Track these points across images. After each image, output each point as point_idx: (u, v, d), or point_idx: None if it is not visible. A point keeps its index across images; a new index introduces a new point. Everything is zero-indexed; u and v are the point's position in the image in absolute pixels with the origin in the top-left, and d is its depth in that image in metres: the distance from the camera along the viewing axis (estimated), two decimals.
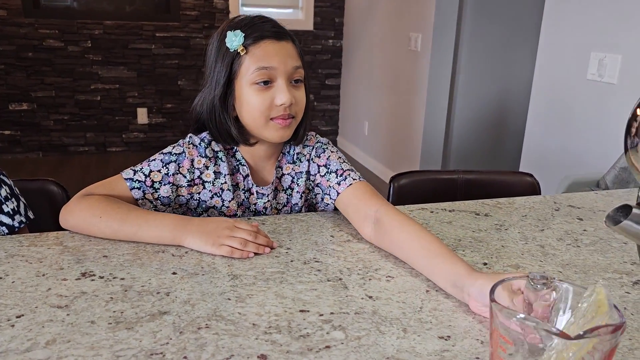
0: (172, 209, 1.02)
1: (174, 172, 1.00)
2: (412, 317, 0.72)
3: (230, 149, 1.05)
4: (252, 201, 1.07)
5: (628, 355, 0.66)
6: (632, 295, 0.80)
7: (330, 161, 1.08)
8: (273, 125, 0.98)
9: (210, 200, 1.04)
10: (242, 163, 1.05)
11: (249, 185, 1.06)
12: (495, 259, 0.91)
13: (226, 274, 0.82)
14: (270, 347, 0.64)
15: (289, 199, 1.10)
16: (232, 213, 1.05)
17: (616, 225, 0.52)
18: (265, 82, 0.97)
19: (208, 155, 1.03)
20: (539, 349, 0.54)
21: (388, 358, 0.63)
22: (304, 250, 0.91)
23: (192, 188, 1.02)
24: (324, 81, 4.84)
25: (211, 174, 1.03)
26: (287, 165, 1.09)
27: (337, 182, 1.05)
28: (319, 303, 0.75)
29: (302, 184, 1.09)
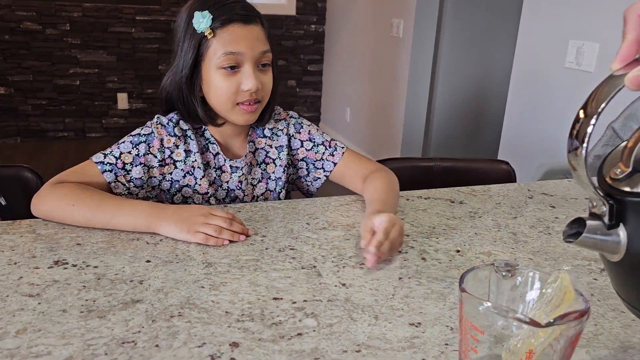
0: (145, 191, 1.02)
1: (145, 152, 1.00)
2: (384, 305, 0.73)
3: (198, 128, 1.07)
4: (225, 179, 1.08)
5: (593, 340, 0.67)
6: (600, 281, 0.82)
7: (313, 135, 1.14)
8: (239, 109, 1.00)
9: (182, 179, 1.04)
10: (212, 141, 1.07)
11: (220, 163, 1.07)
12: (468, 246, 0.92)
13: (200, 261, 0.82)
14: (243, 335, 0.65)
15: (264, 173, 1.12)
16: (204, 191, 1.05)
17: (575, 240, 0.52)
18: (232, 67, 0.98)
19: (177, 134, 1.03)
20: (507, 335, 0.55)
21: (359, 345, 0.64)
22: (279, 237, 0.92)
23: (163, 168, 1.03)
24: (306, 67, 4.82)
25: (182, 152, 1.04)
26: (259, 139, 1.12)
27: (330, 154, 1.12)
28: (293, 291, 0.75)
29: (283, 157, 1.12)
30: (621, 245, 0.50)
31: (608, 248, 0.51)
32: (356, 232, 0.95)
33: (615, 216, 0.50)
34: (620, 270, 0.53)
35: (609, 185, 0.51)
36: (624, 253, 0.50)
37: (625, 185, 0.49)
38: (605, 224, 0.51)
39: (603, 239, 0.51)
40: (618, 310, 0.74)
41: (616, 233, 0.50)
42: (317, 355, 0.62)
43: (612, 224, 0.50)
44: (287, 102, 4.81)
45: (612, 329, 0.70)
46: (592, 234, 0.51)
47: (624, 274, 0.53)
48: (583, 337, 0.68)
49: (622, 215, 0.50)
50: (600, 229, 0.51)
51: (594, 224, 0.52)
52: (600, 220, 0.51)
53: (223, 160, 1.07)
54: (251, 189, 1.11)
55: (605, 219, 0.51)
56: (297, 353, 0.62)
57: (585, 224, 0.52)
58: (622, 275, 0.53)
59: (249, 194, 1.10)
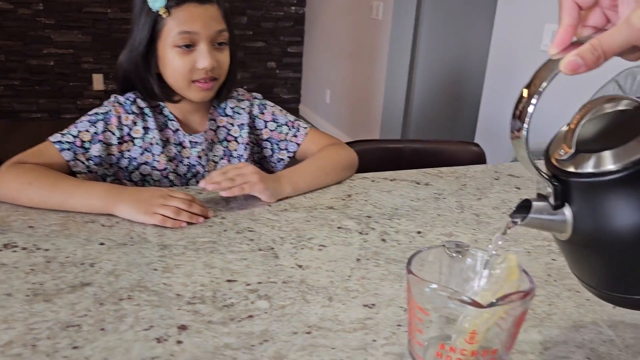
0: (103, 168, 1.00)
1: (103, 129, 0.99)
2: (339, 286, 0.72)
3: (157, 106, 1.06)
4: (185, 154, 1.07)
5: (546, 320, 0.68)
6: (558, 262, 0.82)
7: (276, 115, 1.14)
8: (195, 87, 1.00)
9: (140, 156, 1.03)
10: (170, 118, 1.06)
11: (180, 139, 1.06)
12: (430, 228, 0.92)
13: (156, 244, 0.81)
14: (192, 318, 0.64)
15: (225, 151, 1.11)
16: (162, 167, 1.04)
17: (522, 221, 0.52)
18: (187, 46, 0.97)
19: (134, 111, 1.02)
20: (455, 316, 0.54)
21: (310, 327, 0.64)
22: (239, 219, 0.90)
23: (122, 146, 1.02)
24: (286, 49, 4.77)
25: (140, 129, 1.03)
26: (221, 118, 1.11)
27: (293, 135, 1.12)
28: (248, 273, 0.74)
29: (245, 135, 1.11)
30: (567, 224, 0.50)
31: (555, 227, 0.51)
32: (318, 213, 0.94)
33: (561, 196, 0.50)
34: (569, 248, 0.53)
35: (554, 166, 0.51)
36: (571, 232, 0.50)
37: (569, 166, 0.49)
38: (551, 204, 0.51)
39: (549, 218, 0.51)
40: (574, 290, 0.74)
41: (562, 213, 0.50)
42: (266, 337, 0.61)
43: (557, 204, 0.50)
44: (267, 84, 4.77)
45: (566, 308, 0.70)
46: (538, 215, 0.51)
47: (574, 251, 0.53)
48: (536, 317, 0.68)
49: (567, 195, 0.50)
50: (546, 210, 0.51)
51: (540, 205, 0.51)
52: (547, 201, 0.51)
53: (183, 136, 1.06)
54: (213, 165, 1.10)
55: (551, 199, 0.50)
56: (246, 335, 0.61)
57: (532, 205, 0.52)
58: (572, 252, 0.53)
59: (210, 170, 1.09)
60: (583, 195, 0.48)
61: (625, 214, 0.46)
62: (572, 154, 0.49)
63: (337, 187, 1.07)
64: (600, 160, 0.46)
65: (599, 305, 0.71)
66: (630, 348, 0.63)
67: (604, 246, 0.48)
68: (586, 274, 0.53)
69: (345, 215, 0.94)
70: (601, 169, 0.46)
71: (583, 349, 0.62)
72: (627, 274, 0.49)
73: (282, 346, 0.60)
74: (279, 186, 0.97)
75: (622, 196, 0.45)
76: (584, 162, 0.48)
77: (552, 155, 0.52)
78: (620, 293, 0.50)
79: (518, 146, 0.48)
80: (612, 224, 0.46)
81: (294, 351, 0.59)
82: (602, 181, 0.46)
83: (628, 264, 0.48)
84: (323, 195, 1.03)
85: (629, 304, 0.51)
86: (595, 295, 0.53)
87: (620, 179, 0.45)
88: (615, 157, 0.45)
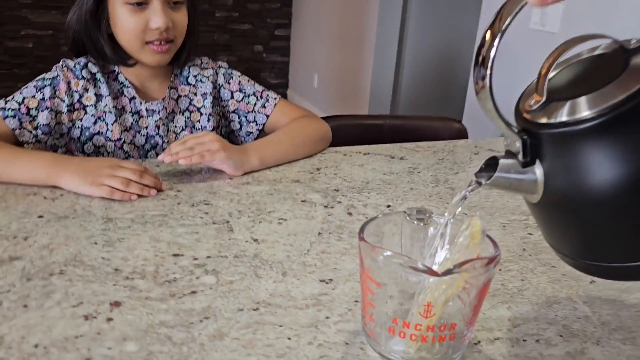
0: (53, 138, 0.94)
1: (51, 95, 0.92)
2: (295, 261, 0.67)
3: (111, 72, 0.98)
4: (143, 124, 1.00)
5: (517, 295, 0.62)
6: (534, 237, 0.77)
7: (243, 85, 1.07)
8: (149, 49, 0.93)
9: (93, 126, 0.96)
10: (126, 85, 0.99)
11: (136, 107, 1.00)
12: (401, 201, 0.86)
13: (100, 217, 0.74)
14: (128, 294, 0.58)
15: (187, 122, 1.04)
16: (115, 138, 0.97)
17: (487, 181, 0.47)
18: (139, 3, 0.90)
19: (85, 76, 0.95)
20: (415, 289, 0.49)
21: (258, 303, 0.58)
22: (196, 192, 0.84)
23: (73, 114, 0.95)
24: (273, 32, 4.68)
25: (92, 96, 0.96)
26: (183, 87, 1.04)
27: (261, 106, 1.06)
28: (197, 247, 0.68)
29: (208, 105, 1.04)
30: (538, 184, 0.45)
31: (524, 188, 0.46)
32: (283, 187, 0.88)
33: (530, 152, 0.44)
34: (541, 212, 0.47)
35: (524, 118, 0.45)
36: (542, 192, 0.45)
37: (540, 117, 0.43)
38: (520, 161, 0.45)
39: (518, 177, 0.45)
40: (549, 265, 0.69)
41: (532, 171, 0.45)
42: (207, 314, 0.55)
43: (527, 161, 0.45)
44: (254, 68, 4.68)
45: (540, 283, 0.65)
46: (505, 173, 0.46)
47: (546, 215, 0.47)
48: (506, 293, 0.62)
49: (538, 150, 0.44)
50: (514, 168, 0.45)
51: (507, 163, 0.46)
52: (515, 158, 0.45)
53: (139, 104, 0.99)
54: (174, 137, 1.03)
55: (520, 156, 0.45)
56: (185, 312, 0.56)
57: (498, 162, 0.46)
58: (544, 217, 0.48)
59: (170, 141, 1.02)
60: (555, 148, 0.43)
61: (602, 168, 0.40)
62: (544, 102, 0.43)
63: (306, 161, 1.01)
64: (575, 107, 0.40)
65: (575, 280, 0.66)
66: (607, 325, 0.57)
67: (578, 207, 0.43)
68: (560, 241, 0.48)
69: (312, 188, 0.88)
70: (575, 117, 0.40)
71: (555, 326, 0.57)
72: (605, 239, 0.43)
73: (223, 324, 0.54)
74: (245, 158, 0.91)
75: (599, 147, 0.40)
76: (556, 110, 0.42)
77: (522, 108, 0.46)
78: (597, 261, 0.44)
79: (484, 98, 0.43)
80: (588, 180, 0.41)
81: (237, 329, 0.54)
82: (576, 131, 0.40)
83: (606, 227, 0.42)
84: (290, 168, 0.97)
85: (608, 273, 0.45)
86: (571, 265, 0.48)
87: (596, 127, 0.39)
88: (591, 102, 0.39)
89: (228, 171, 0.89)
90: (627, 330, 0.57)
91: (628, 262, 0.42)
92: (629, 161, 0.38)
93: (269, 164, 0.95)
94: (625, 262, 0.42)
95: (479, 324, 0.56)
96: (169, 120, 1.02)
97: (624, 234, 0.42)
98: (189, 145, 0.86)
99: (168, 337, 0.52)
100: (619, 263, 0.43)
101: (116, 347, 0.50)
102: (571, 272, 0.67)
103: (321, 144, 1.05)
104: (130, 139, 0.99)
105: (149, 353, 0.50)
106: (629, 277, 0.45)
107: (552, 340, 0.55)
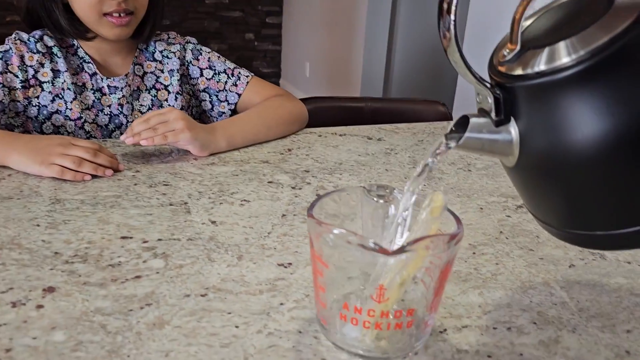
0: (7, 117, 0.88)
1: (2, 70, 0.87)
2: (254, 244, 0.62)
3: (70, 45, 0.92)
4: (106, 102, 0.94)
5: (490, 280, 0.58)
6: (512, 219, 0.72)
7: (213, 62, 1.02)
8: (107, 22, 0.86)
9: (51, 104, 0.91)
10: (86, 60, 0.93)
11: (98, 84, 0.94)
12: (373, 182, 0.81)
13: (47, 198, 0.69)
14: (65, 279, 0.53)
15: (154, 100, 0.99)
16: (75, 117, 0.92)
17: (457, 143, 0.42)
18: None
19: (40, 50, 0.89)
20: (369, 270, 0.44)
21: (207, 288, 0.53)
22: (156, 173, 0.79)
23: (28, 91, 0.89)
24: (265, 19, 4.60)
25: (48, 72, 0.90)
26: (149, 63, 0.98)
27: (233, 84, 1.01)
28: (149, 229, 0.64)
29: (175, 83, 0.99)
30: (513, 144, 0.40)
31: (498, 149, 0.41)
32: (250, 167, 0.84)
33: (504, 109, 0.39)
34: (518, 176, 0.42)
35: (497, 71, 0.40)
36: (518, 154, 0.40)
37: (515, 68, 0.38)
38: (493, 119, 0.40)
39: (491, 138, 0.40)
40: (526, 249, 0.64)
41: (506, 130, 0.40)
42: (150, 300, 0.51)
43: (500, 120, 0.40)
44: (246, 57, 4.61)
45: (515, 268, 0.60)
46: (476, 134, 0.41)
47: (523, 180, 0.42)
48: (479, 277, 0.58)
49: (513, 106, 0.39)
50: (486, 127, 0.40)
51: (479, 122, 0.41)
52: (488, 117, 0.40)
53: (101, 80, 0.93)
54: (139, 115, 0.97)
55: (493, 113, 0.40)
56: (125, 298, 0.51)
57: (469, 122, 0.41)
58: (521, 182, 0.43)
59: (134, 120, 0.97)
60: (531, 103, 0.38)
61: (585, 123, 0.35)
62: (518, 52, 0.38)
63: (278, 141, 0.96)
64: (553, 54, 0.35)
65: (554, 264, 0.61)
66: (584, 312, 0.53)
67: (558, 169, 0.37)
68: (541, 208, 0.42)
69: (280, 169, 0.84)
70: (553, 65, 0.35)
71: (529, 313, 0.52)
72: (589, 205, 0.38)
73: (166, 311, 0.49)
74: (212, 138, 0.86)
75: (580, 99, 0.34)
76: (532, 59, 0.37)
77: (496, 60, 0.41)
78: (582, 229, 0.39)
79: (453, 51, 0.38)
80: (568, 138, 0.35)
81: (180, 317, 0.49)
82: (554, 81, 0.35)
83: (589, 191, 0.37)
84: (260, 148, 0.92)
85: (594, 242, 0.40)
86: (554, 235, 0.42)
87: (577, 76, 0.34)
88: (570, 47, 0.34)
89: (194, 152, 0.84)
90: (606, 317, 0.52)
91: (615, 229, 0.37)
92: (615, 113, 0.33)
93: (238, 145, 0.90)
94: (612, 229, 0.37)
95: (446, 310, 0.52)
96: (134, 98, 0.97)
97: (611, 197, 0.36)
98: (152, 124, 0.80)
99: (102, 326, 0.47)
100: (605, 231, 0.38)
101: (42, 336, 0.45)
102: (549, 256, 0.63)
103: (295, 125, 1.00)
104: (93, 117, 0.93)
105: (78, 343, 0.45)
106: (616, 246, 0.40)
107: (525, 328, 0.50)
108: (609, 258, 0.63)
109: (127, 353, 0.44)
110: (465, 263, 0.61)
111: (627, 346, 0.48)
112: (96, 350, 0.44)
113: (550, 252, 0.64)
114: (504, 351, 0.47)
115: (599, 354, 0.47)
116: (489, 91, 0.39)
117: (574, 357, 0.47)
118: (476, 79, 0.39)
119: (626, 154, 0.34)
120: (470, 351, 0.47)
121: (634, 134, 0.33)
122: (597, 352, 0.47)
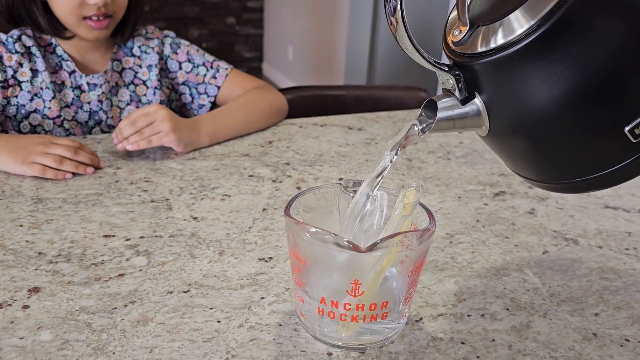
0: None
1: None
2: (235, 239, 0.63)
3: (48, 44, 0.92)
4: (85, 99, 0.95)
5: (466, 269, 0.59)
6: (490, 207, 0.74)
7: (192, 55, 1.02)
8: (86, 25, 0.87)
9: (30, 103, 0.90)
10: (65, 58, 0.93)
11: (77, 82, 0.94)
12: (354, 174, 0.83)
13: (30, 197, 0.70)
14: (49, 279, 0.54)
15: (132, 95, 0.99)
16: (54, 115, 0.92)
17: (430, 128, 0.43)
18: None
19: (19, 50, 0.89)
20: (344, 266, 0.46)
21: (189, 284, 0.54)
22: (136, 169, 0.80)
23: (7, 91, 0.89)
24: (246, 3, 4.56)
25: (27, 72, 0.90)
26: (127, 59, 0.98)
27: (212, 77, 1.02)
28: (131, 227, 0.64)
29: (154, 78, 0.99)
30: (482, 118, 0.41)
31: (469, 124, 0.42)
32: (230, 161, 0.84)
33: (466, 87, 0.41)
34: (494, 142, 0.44)
35: (453, 51, 0.41)
36: (488, 124, 0.42)
37: (470, 47, 0.40)
38: (458, 98, 0.41)
39: (460, 115, 0.42)
40: (502, 236, 0.66)
41: (473, 104, 0.41)
42: (133, 298, 0.52)
43: (465, 98, 0.41)
44: (227, 42, 4.57)
45: (491, 256, 0.62)
46: (445, 113, 0.42)
47: (499, 144, 0.44)
48: (455, 266, 0.60)
49: (475, 83, 0.40)
50: (454, 106, 0.42)
51: (446, 103, 0.42)
52: (453, 96, 0.42)
53: (80, 77, 0.93)
54: (118, 111, 0.97)
55: (457, 93, 0.41)
56: (109, 297, 0.52)
57: (436, 105, 0.43)
58: (497, 146, 0.45)
59: (114, 117, 0.97)
60: (493, 77, 0.39)
61: (544, 89, 0.37)
62: (469, 30, 0.40)
63: (259, 134, 0.96)
64: (505, 27, 0.37)
65: (528, 250, 0.63)
66: (556, 297, 0.55)
67: (527, 132, 0.40)
68: (521, 167, 0.44)
69: (261, 162, 0.85)
70: (508, 39, 0.36)
71: (502, 299, 0.54)
72: (564, 156, 0.40)
73: (149, 308, 0.51)
74: (196, 136, 0.86)
75: (537, 65, 0.36)
76: (487, 36, 0.38)
77: (449, 41, 0.42)
78: (563, 179, 0.41)
79: (402, 36, 0.39)
80: (531, 104, 0.38)
81: (163, 313, 0.50)
82: (511, 53, 0.36)
83: (557, 144, 0.39)
84: (241, 142, 0.92)
85: (580, 187, 0.42)
86: (539, 187, 0.44)
87: (531, 45, 0.35)
88: (521, 18, 0.36)
89: (177, 149, 0.85)
90: (577, 301, 0.54)
91: (589, 174, 0.39)
92: (569, 75, 0.35)
93: (220, 140, 0.91)
94: (586, 175, 0.40)
95: (422, 300, 0.54)
96: (113, 95, 0.97)
97: (580, 148, 0.39)
98: (139, 127, 0.81)
99: (87, 324, 0.48)
100: (580, 178, 0.40)
101: (29, 336, 0.46)
102: (524, 243, 0.65)
103: (276, 117, 1.01)
104: (72, 115, 0.93)
105: (64, 342, 0.46)
106: (599, 187, 0.41)
107: (498, 314, 0.52)
108: (581, 243, 0.65)
109: (113, 350, 0.45)
110: (442, 252, 0.62)
111: (595, 328, 0.51)
112: (82, 349, 0.45)
113: (525, 239, 0.66)
114: (477, 337, 0.49)
115: (567, 337, 0.49)
116: (448, 73, 0.41)
117: (544, 341, 0.49)
118: (430, 63, 0.40)
119: (584, 107, 0.36)
120: (445, 338, 0.49)
121: (588, 91, 0.36)
122: (565, 335, 0.50)
